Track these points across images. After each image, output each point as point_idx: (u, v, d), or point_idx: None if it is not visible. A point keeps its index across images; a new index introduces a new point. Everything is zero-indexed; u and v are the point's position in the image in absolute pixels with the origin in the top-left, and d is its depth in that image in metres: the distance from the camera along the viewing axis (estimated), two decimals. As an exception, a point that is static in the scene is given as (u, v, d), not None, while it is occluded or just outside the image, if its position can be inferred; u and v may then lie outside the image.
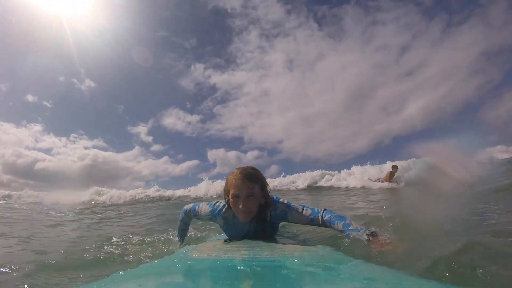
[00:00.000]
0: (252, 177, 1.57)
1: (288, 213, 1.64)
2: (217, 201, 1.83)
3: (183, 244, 2.14)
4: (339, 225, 1.53)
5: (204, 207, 1.86)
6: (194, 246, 1.70)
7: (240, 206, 1.54)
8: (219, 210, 1.76)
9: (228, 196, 1.63)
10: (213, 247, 1.58)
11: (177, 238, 2.19)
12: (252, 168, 1.63)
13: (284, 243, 1.55)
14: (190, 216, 2.03)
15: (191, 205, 1.99)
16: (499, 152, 14.52)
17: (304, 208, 1.63)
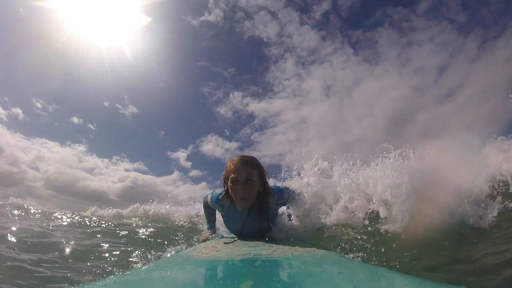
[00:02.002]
0: (251, 163, 1.60)
1: (289, 198, 1.76)
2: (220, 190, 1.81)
3: (214, 232, 2.10)
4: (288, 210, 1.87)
5: (209, 196, 1.89)
6: (194, 246, 1.71)
7: (239, 190, 1.55)
8: (216, 197, 1.77)
9: (227, 183, 1.64)
10: (213, 247, 1.58)
11: (205, 227, 2.17)
12: (251, 156, 1.66)
13: (284, 244, 1.55)
14: (207, 205, 2.03)
15: (207, 194, 2.01)
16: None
17: (294, 192, 1.81)
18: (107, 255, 2.40)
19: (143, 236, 2.97)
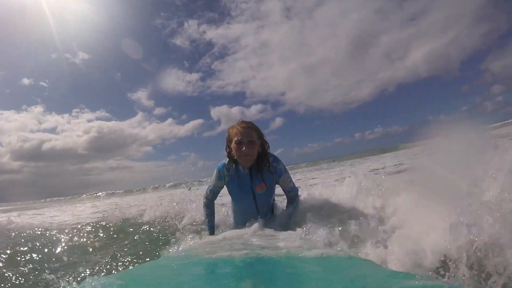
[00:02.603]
0: (251, 126, 1.83)
1: (283, 174, 1.92)
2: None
3: (212, 233, 2.11)
4: (289, 209, 1.91)
5: (213, 175, 2.02)
6: (194, 246, 1.71)
7: (243, 149, 1.75)
8: (222, 164, 1.94)
9: (230, 146, 1.86)
10: (213, 247, 1.58)
11: (206, 227, 2.16)
12: (250, 121, 1.89)
13: (284, 243, 1.55)
14: (208, 197, 2.09)
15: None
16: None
17: (291, 179, 1.94)
18: (104, 254, 2.40)
19: (143, 235, 2.97)
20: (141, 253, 2.31)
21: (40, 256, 2.31)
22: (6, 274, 1.83)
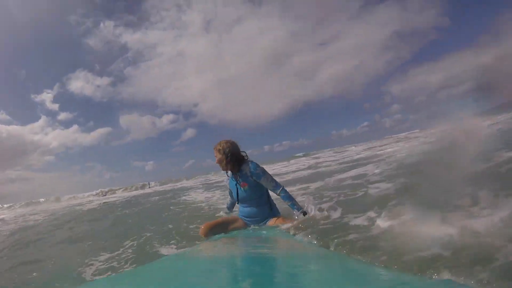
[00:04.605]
0: (216, 147, 2.42)
1: (262, 176, 2.34)
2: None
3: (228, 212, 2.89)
4: (288, 203, 2.29)
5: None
6: (194, 246, 1.71)
7: (216, 161, 2.43)
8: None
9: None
10: (213, 247, 1.58)
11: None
12: (219, 142, 2.45)
13: (284, 243, 1.56)
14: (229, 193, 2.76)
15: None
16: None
17: (272, 180, 2.37)
18: (103, 253, 2.40)
19: (141, 234, 2.97)
20: (141, 253, 2.32)
21: None
22: None
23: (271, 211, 2.42)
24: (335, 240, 1.93)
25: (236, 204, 2.81)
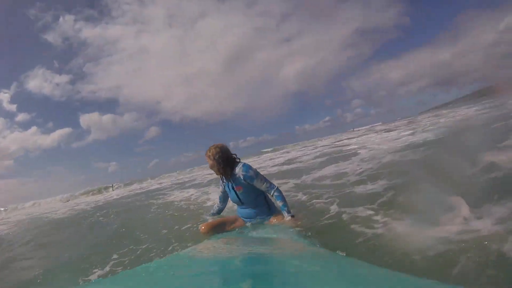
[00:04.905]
0: (206, 154, 2.46)
1: (254, 179, 2.35)
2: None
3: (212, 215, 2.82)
4: (280, 203, 2.32)
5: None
6: (194, 246, 1.71)
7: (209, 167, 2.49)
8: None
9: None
10: (213, 247, 1.58)
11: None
12: (209, 148, 2.45)
13: (284, 243, 1.56)
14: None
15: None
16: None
17: (265, 181, 2.39)
18: (102, 254, 2.39)
19: (141, 236, 2.97)
20: (141, 253, 2.32)
21: None
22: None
23: (270, 210, 2.44)
24: (335, 240, 1.93)
25: (234, 205, 2.77)
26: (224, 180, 2.55)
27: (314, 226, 2.22)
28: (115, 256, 2.36)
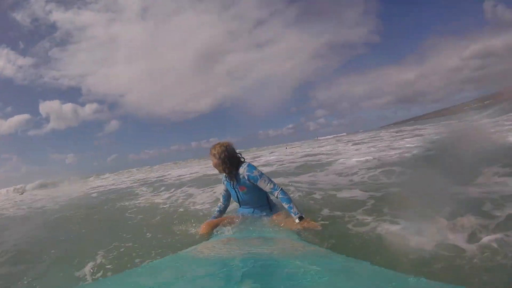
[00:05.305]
0: (211, 152, 2.41)
1: (259, 179, 2.32)
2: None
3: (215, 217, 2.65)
4: (285, 205, 2.22)
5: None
6: (194, 246, 1.71)
7: (213, 166, 2.45)
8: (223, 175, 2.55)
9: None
10: (213, 247, 1.58)
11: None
12: (213, 146, 2.41)
13: (284, 243, 1.55)
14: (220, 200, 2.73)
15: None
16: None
17: (270, 182, 2.32)
18: (102, 254, 2.39)
19: (141, 236, 2.97)
20: (141, 254, 2.31)
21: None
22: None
23: (271, 211, 2.45)
24: (335, 240, 1.93)
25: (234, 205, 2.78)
26: (227, 180, 2.51)
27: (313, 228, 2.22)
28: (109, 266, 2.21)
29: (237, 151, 2.48)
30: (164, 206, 4.42)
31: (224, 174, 2.47)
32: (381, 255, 1.58)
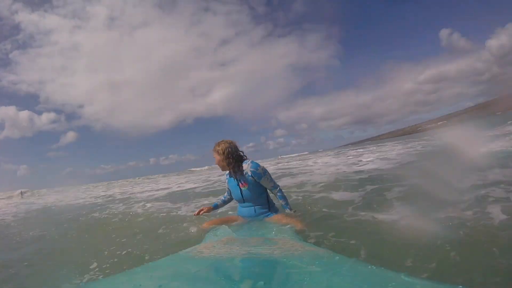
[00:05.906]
0: (214, 149, 2.46)
1: (262, 177, 2.39)
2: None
3: (214, 208, 2.82)
4: (282, 202, 2.47)
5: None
6: (194, 246, 1.71)
7: (216, 162, 2.49)
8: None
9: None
10: (213, 247, 1.58)
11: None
12: (217, 143, 2.47)
13: (284, 244, 1.55)
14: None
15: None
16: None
17: (271, 180, 2.45)
18: (101, 253, 2.39)
19: (140, 236, 2.96)
20: (141, 253, 2.31)
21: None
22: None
23: (270, 210, 2.49)
24: (335, 240, 1.93)
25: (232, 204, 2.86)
26: (229, 176, 2.54)
27: (314, 227, 2.23)
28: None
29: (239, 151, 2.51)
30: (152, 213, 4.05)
31: (229, 171, 2.50)
32: (381, 255, 1.58)
